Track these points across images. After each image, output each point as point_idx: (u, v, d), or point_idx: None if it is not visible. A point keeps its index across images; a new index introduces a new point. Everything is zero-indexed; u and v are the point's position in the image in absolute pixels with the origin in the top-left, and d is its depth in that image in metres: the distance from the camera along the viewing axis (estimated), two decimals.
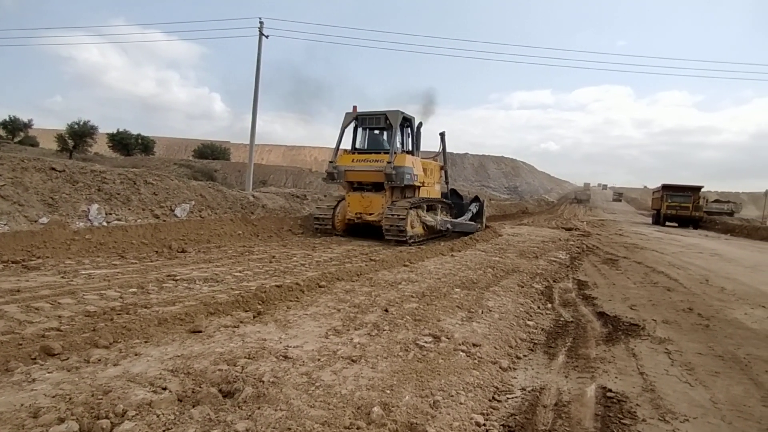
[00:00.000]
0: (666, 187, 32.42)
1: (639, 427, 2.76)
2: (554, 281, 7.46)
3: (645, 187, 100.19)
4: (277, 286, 5.19)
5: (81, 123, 43.20)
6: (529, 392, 3.20)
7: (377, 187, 11.35)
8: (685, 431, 2.75)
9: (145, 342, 3.46)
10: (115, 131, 51.45)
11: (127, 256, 7.15)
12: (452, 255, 9.28)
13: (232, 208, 11.61)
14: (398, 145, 11.46)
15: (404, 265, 7.58)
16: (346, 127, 11.83)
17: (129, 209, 9.29)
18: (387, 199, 11.22)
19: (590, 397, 3.14)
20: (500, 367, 3.55)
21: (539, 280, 7.27)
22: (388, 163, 10.78)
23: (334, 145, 12.00)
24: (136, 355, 3.21)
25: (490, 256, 9.29)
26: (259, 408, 2.53)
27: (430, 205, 12.40)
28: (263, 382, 2.84)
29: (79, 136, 42.70)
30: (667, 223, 31.09)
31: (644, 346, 4.32)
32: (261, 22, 19.58)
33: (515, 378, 3.46)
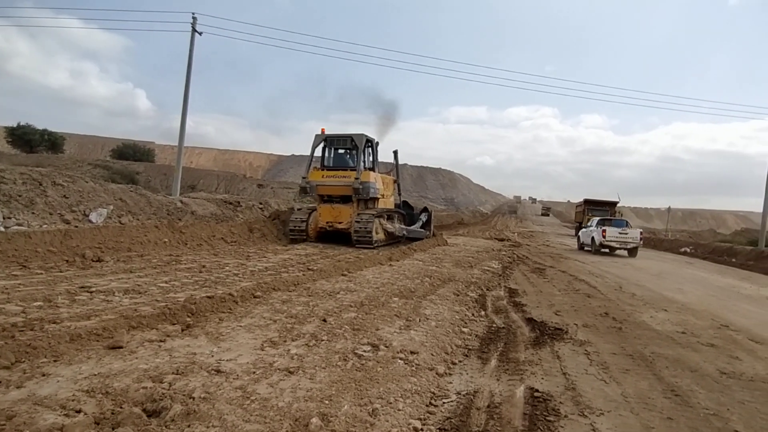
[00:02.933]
0: (587, 202, 35.17)
1: (562, 423, 2.96)
2: (487, 289, 7.79)
3: (568, 201, 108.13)
4: (209, 297, 4.93)
5: None
6: (463, 396, 3.30)
7: (345, 200, 12.87)
8: (600, 424, 2.99)
9: (55, 361, 3.13)
10: (15, 125, 45.90)
11: (30, 265, 6.44)
12: (390, 264, 9.38)
13: (156, 213, 10.91)
14: (362, 163, 13.07)
15: (342, 275, 7.54)
16: (316, 147, 13.36)
17: (33, 213, 8.40)
18: (354, 209, 12.74)
19: (519, 397, 3.31)
20: (437, 373, 3.63)
21: (474, 288, 7.55)
22: (356, 179, 12.44)
23: (266, 150, 12.38)
24: (43, 375, 2.89)
25: (427, 266, 9.50)
26: (189, 426, 2.37)
27: (389, 215, 14.15)
28: (193, 398, 2.67)
29: None
30: None
31: (567, 349, 4.64)
32: (194, 18, 18.60)
33: (451, 383, 3.56)
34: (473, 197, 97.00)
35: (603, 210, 33.99)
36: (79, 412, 2.44)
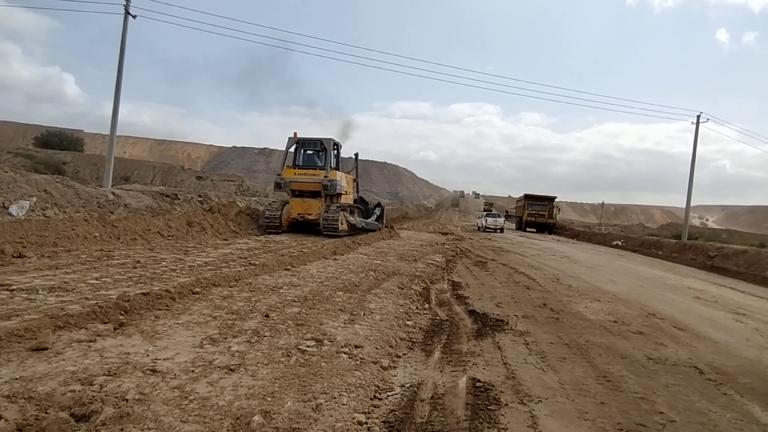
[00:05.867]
0: (527, 197, 36.78)
1: (502, 412, 3.07)
2: (431, 283, 7.95)
3: (509, 196, 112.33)
4: (144, 294, 4.67)
5: None
6: (407, 388, 3.35)
7: (314, 195, 14.68)
8: (539, 411, 3.13)
9: None
10: None
11: None
12: (335, 258, 9.34)
13: (86, 206, 10.14)
14: (330, 163, 14.81)
15: (286, 269, 7.41)
16: (289, 148, 15.30)
17: None
18: (322, 203, 14.54)
19: (462, 388, 3.40)
20: (381, 367, 3.67)
21: (418, 282, 7.68)
22: (325, 177, 14.31)
23: (206, 141, 12.59)
24: None
25: (371, 260, 9.54)
26: (122, 429, 2.25)
27: (351, 209, 16.15)
28: (127, 400, 2.53)
29: None
30: (528, 229, 35.28)
31: (507, 339, 4.83)
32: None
33: (395, 376, 3.61)
34: (418, 191, 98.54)
35: (542, 204, 35.86)
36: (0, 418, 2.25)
